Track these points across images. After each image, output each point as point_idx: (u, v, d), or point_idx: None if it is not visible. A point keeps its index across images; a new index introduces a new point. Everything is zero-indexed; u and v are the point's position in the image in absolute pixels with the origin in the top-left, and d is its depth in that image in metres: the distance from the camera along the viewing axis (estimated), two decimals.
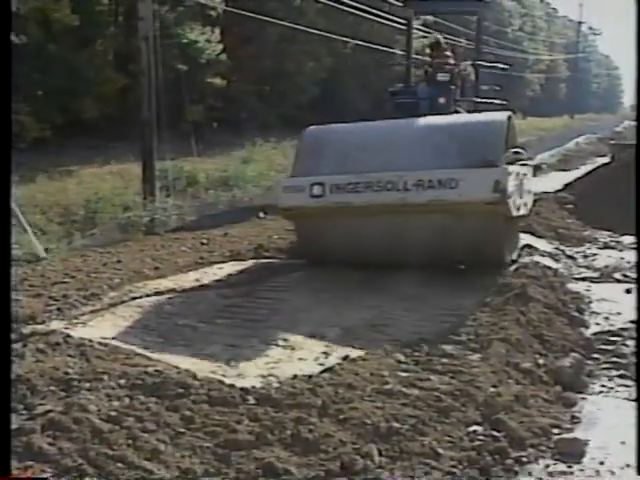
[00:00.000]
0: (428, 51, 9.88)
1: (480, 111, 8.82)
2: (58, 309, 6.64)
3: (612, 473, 3.78)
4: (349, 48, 25.79)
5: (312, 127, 8.44)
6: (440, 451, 3.82)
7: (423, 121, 7.79)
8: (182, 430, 3.97)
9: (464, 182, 6.80)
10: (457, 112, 8.72)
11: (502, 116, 7.64)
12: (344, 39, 23.20)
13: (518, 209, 7.43)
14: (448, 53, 9.50)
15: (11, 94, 3.25)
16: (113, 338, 5.79)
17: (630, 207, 10.32)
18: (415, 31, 29.31)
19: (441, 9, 11.61)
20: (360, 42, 23.46)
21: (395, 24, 24.44)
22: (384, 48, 25.31)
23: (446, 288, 6.96)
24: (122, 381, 4.58)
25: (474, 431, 4.08)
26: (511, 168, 7.13)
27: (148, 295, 7.18)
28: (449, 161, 6.96)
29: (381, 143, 7.49)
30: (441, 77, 8.91)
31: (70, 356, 5.09)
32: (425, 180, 6.89)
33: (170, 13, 19.95)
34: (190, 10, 21.16)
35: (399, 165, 7.09)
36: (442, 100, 8.69)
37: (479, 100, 9.37)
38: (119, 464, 3.61)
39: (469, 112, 8.86)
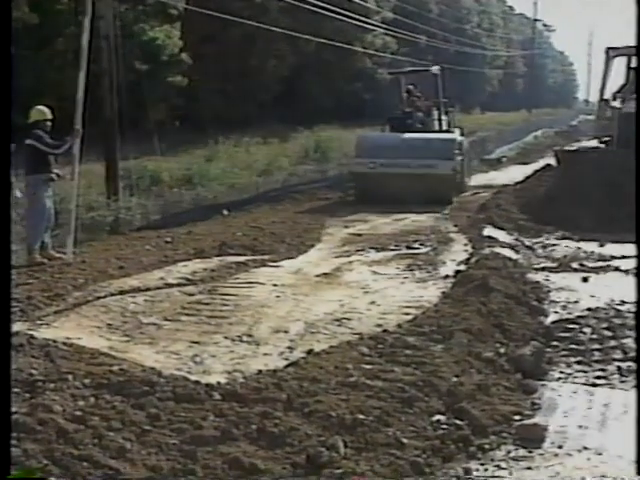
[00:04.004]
0: (405, 95, 16.46)
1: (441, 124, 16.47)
2: (22, 310, 6.57)
3: (570, 455, 3.89)
4: (312, 46, 25.76)
5: (362, 133, 17.45)
6: (404, 441, 3.89)
7: (418, 135, 14.83)
8: (148, 428, 3.97)
9: (440, 166, 13.73)
10: (422, 125, 15.66)
11: (456, 135, 15.59)
12: (307, 37, 23.17)
13: (462, 179, 15.36)
14: (417, 94, 16.21)
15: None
16: (78, 338, 5.76)
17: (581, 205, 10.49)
18: (376, 29, 29.58)
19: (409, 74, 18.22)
20: (323, 40, 23.46)
21: (357, 22, 24.56)
22: (347, 46, 25.42)
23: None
24: (87, 381, 4.57)
25: (438, 420, 4.16)
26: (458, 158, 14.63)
27: (113, 294, 7.15)
28: (432, 155, 13.74)
29: (400, 145, 14.22)
30: (411, 109, 16.00)
31: (34, 357, 5.06)
32: (423, 164, 13.61)
33: (130, 12, 19.77)
34: (151, 9, 20.99)
35: (409, 155, 13.71)
36: (418, 123, 15.70)
37: (436, 119, 16.38)
38: (85, 463, 3.60)
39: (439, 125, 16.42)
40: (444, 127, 16.09)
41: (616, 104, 13.03)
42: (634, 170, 10.42)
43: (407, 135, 14.73)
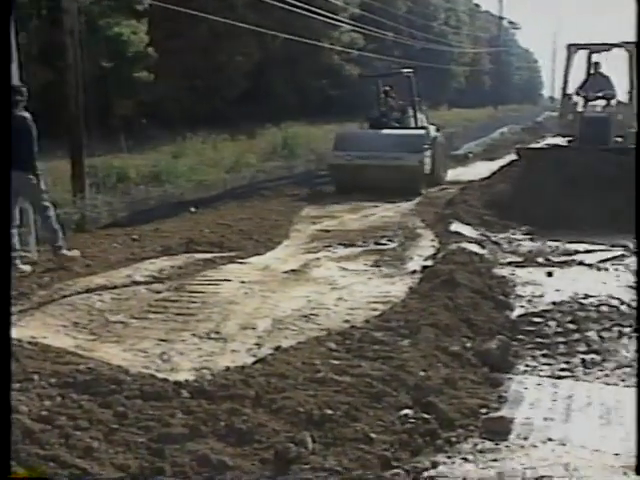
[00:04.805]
0: (383, 95, 17.47)
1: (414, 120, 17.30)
2: None
3: (535, 447, 3.95)
4: (279, 42, 25.68)
5: (339, 130, 17.88)
6: (372, 435, 3.91)
7: (390, 131, 15.96)
8: (115, 426, 3.94)
9: (408, 158, 14.74)
10: (398, 123, 16.78)
11: (428, 131, 16.36)
12: (274, 33, 23.10)
13: (431, 171, 15.90)
14: (393, 94, 17.32)
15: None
16: (43, 337, 5.70)
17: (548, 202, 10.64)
18: (343, 25, 29.61)
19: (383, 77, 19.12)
20: (290, 36, 23.40)
21: (325, 18, 24.56)
22: (314, 42, 25.39)
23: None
24: (53, 380, 4.51)
25: (405, 415, 4.19)
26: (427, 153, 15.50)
27: (79, 292, 7.06)
28: (402, 149, 14.80)
29: (374, 140, 15.42)
30: (387, 109, 17.15)
31: None
32: (393, 156, 14.68)
33: (96, 6, 19.54)
34: (117, 3, 20.77)
35: (382, 149, 14.79)
36: (393, 121, 16.80)
37: (412, 116, 17.20)
38: (51, 463, 3.55)
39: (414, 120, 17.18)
40: (419, 124, 17.11)
41: (579, 101, 13.21)
42: (595, 168, 10.75)
43: (381, 131, 16.14)
